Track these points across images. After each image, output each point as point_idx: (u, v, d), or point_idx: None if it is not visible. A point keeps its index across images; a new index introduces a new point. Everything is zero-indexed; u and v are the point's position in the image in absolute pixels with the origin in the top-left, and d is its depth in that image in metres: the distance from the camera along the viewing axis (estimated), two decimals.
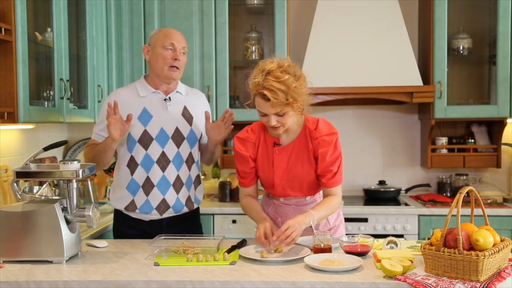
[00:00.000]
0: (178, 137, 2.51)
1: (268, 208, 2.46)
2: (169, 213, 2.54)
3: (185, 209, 2.57)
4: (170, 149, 2.50)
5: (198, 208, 2.69)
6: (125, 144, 2.51)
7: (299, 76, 2.15)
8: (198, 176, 2.64)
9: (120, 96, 2.50)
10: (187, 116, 2.55)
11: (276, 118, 2.16)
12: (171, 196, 2.52)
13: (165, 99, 2.53)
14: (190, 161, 2.56)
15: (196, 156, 2.61)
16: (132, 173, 2.50)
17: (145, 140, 2.47)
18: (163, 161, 2.49)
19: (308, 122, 2.31)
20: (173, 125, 2.51)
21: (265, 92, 2.08)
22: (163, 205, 2.52)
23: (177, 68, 2.48)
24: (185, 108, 2.56)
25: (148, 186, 2.49)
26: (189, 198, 2.58)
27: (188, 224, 2.60)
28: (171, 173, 2.50)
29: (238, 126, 3.91)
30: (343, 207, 2.56)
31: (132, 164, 2.50)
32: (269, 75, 2.09)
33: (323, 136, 2.27)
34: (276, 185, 2.34)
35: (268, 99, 2.09)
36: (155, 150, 2.48)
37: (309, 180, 2.33)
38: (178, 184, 2.52)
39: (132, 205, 2.53)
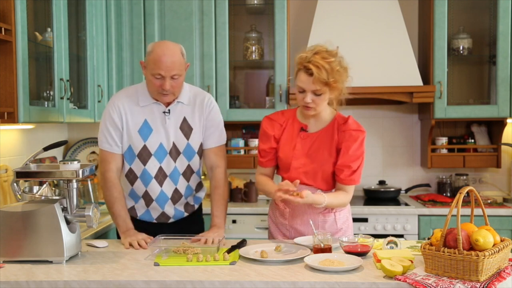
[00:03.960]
0: (174, 152, 2.46)
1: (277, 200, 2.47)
2: (170, 220, 2.56)
3: (186, 214, 2.59)
4: (168, 164, 2.46)
5: (200, 207, 2.68)
6: (124, 156, 2.46)
7: (344, 66, 2.28)
8: (199, 183, 2.61)
9: (122, 105, 2.42)
10: (185, 129, 2.46)
11: (312, 96, 2.25)
12: (169, 209, 2.53)
13: (164, 112, 2.43)
14: (188, 173, 2.51)
15: (196, 166, 2.53)
16: (131, 183, 2.49)
17: (144, 155, 2.43)
18: (160, 176, 2.46)
19: (338, 116, 2.40)
20: (170, 140, 2.44)
21: (310, 66, 2.20)
22: (163, 217, 2.54)
23: (168, 93, 2.35)
24: (184, 119, 2.46)
25: (148, 199, 2.50)
26: (187, 204, 2.58)
27: (190, 221, 2.60)
28: (169, 187, 2.48)
29: (238, 126, 3.95)
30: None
31: (131, 176, 2.48)
32: (317, 54, 2.23)
33: (351, 131, 2.33)
34: (292, 168, 2.37)
35: (311, 74, 2.20)
36: (153, 166, 2.44)
37: (324, 170, 2.35)
38: (176, 197, 2.52)
39: (133, 211, 2.54)
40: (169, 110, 2.43)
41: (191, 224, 2.61)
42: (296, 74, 2.29)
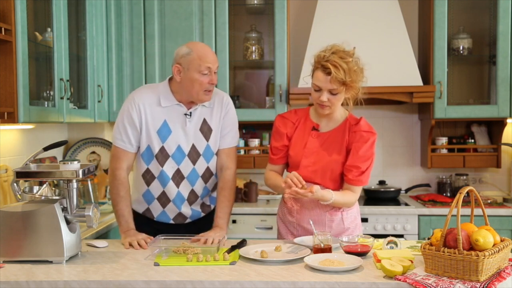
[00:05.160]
0: (194, 154, 2.44)
1: (286, 197, 2.47)
2: (187, 221, 2.56)
3: (202, 214, 2.59)
4: (186, 166, 2.44)
5: (214, 208, 2.66)
6: (141, 156, 2.44)
7: (361, 68, 2.30)
8: (216, 184, 2.58)
9: (142, 103, 2.39)
10: (205, 131, 2.45)
11: (328, 95, 2.26)
12: (186, 209, 2.52)
13: (185, 114, 2.41)
14: (206, 175, 2.50)
15: (215, 168, 2.52)
16: (148, 184, 2.47)
17: (162, 157, 2.41)
18: (177, 177, 2.45)
19: (350, 117, 2.42)
20: (190, 142, 2.43)
21: (328, 65, 2.21)
22: (180, 217, 2.54)
23: (212, 89, 2.38)
24: (204, 121, 2.45)
25: (164, 199, 2.48)
26: (203, 204, 2.58)
27: (206, 221, 2.59)
28: (185, 188, 2.47)
29: (238, 126, 3.93)
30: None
31: (147, 176, 2.46)
32: (335, 54, 2.25)
33: (362, 132, 2.34)
34: (302, 166, 2.37)
35: (329, 73, 2.22)
36: (170, 168, 2.43)
37: (333, 170, 2.36)
38: (192, 198, 2.51)
39: (148, 212, 2.54)
40: (190, 112, 2.42)
41: (208, 224, 2.57)
42: (313, 73, 2.30)
